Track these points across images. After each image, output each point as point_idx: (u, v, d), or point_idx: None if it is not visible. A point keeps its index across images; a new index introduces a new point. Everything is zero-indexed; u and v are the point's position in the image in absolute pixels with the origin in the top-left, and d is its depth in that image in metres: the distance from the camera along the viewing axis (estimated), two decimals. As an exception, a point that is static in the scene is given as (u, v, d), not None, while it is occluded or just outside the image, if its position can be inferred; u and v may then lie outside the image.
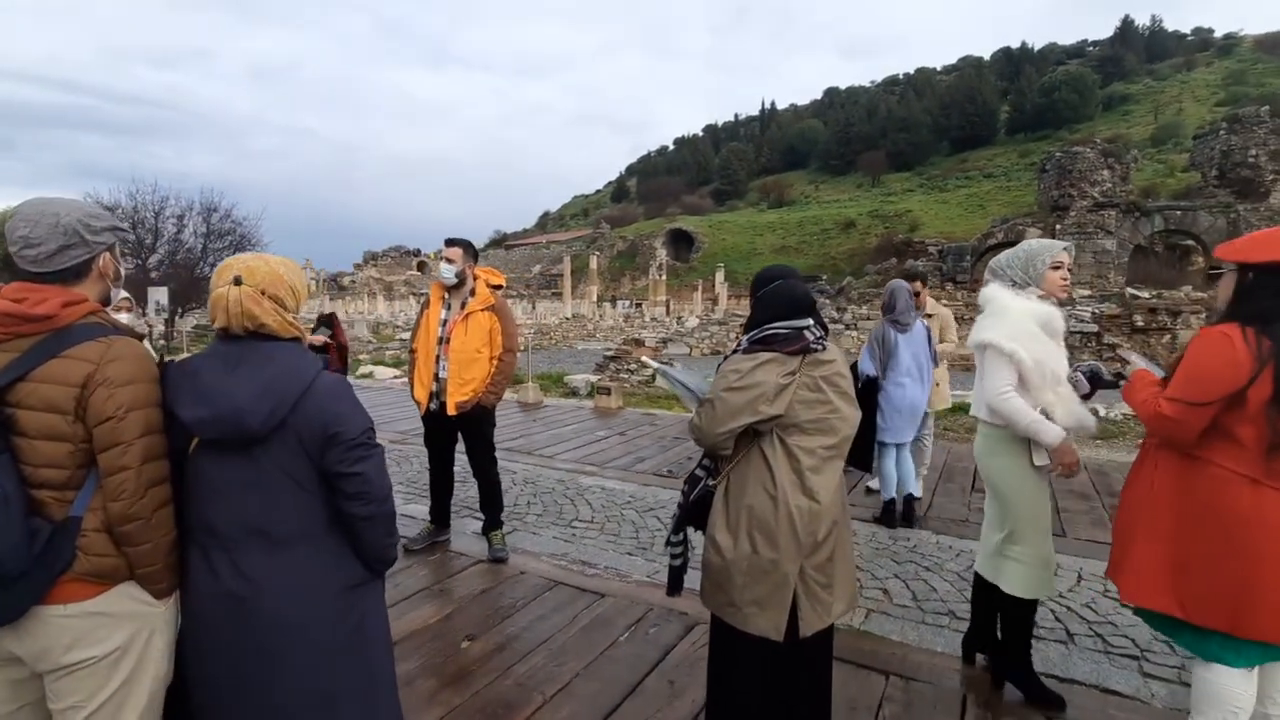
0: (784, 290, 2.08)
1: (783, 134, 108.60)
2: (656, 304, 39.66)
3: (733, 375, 1.96)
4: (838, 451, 2.01)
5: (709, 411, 1.98)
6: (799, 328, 2.00)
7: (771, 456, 1.95)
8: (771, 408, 1.91)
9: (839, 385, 2.01)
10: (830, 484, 1.97)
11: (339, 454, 1.53)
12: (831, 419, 1.97)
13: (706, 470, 2.14)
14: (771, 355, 1.95)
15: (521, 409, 9.43)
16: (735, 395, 1.93)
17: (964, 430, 7.94)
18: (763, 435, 1.97)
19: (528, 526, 4.51)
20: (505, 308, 3.90)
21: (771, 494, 1.93)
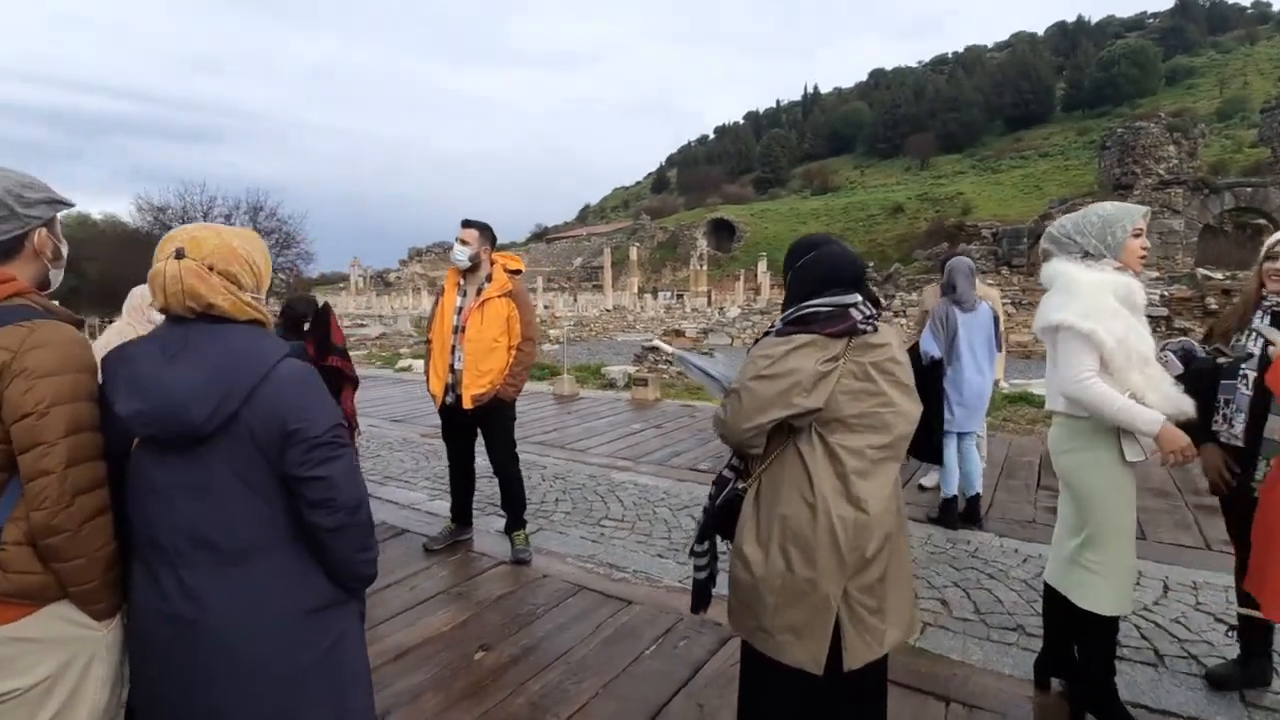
0: (824, 259, 1.76)
1: (826, 119, 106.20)
2: (698, 294, 39.19)
3: (763, 361, 1.66)
4: (891, 452, 1.69)
5: (735, 404, 1.69)
6: (844, 304, 1.69)
7: (809, 457, 1.65)
8: (808, 400, 1.61)
9: (893, 373, 1.69)
10: (882, 491, 1.66)
11: (299, 455, 1.31)
12: (884, 413, 1.66)
13: (735, 471, 1.85)
14: (809, 338, 1.64)
15: (556, 401, 9.25)
16: (765, 385, 1.63)
17: (1024, 421, 7.42)
18: (799, 432, 1.67)
19: (554, 525, 4.29)
20: (524, 294, 3.67)
21: (809, 502, 1.64)
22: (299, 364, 1.38)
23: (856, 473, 1.64)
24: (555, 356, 14.95)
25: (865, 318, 1.69)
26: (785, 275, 1.84)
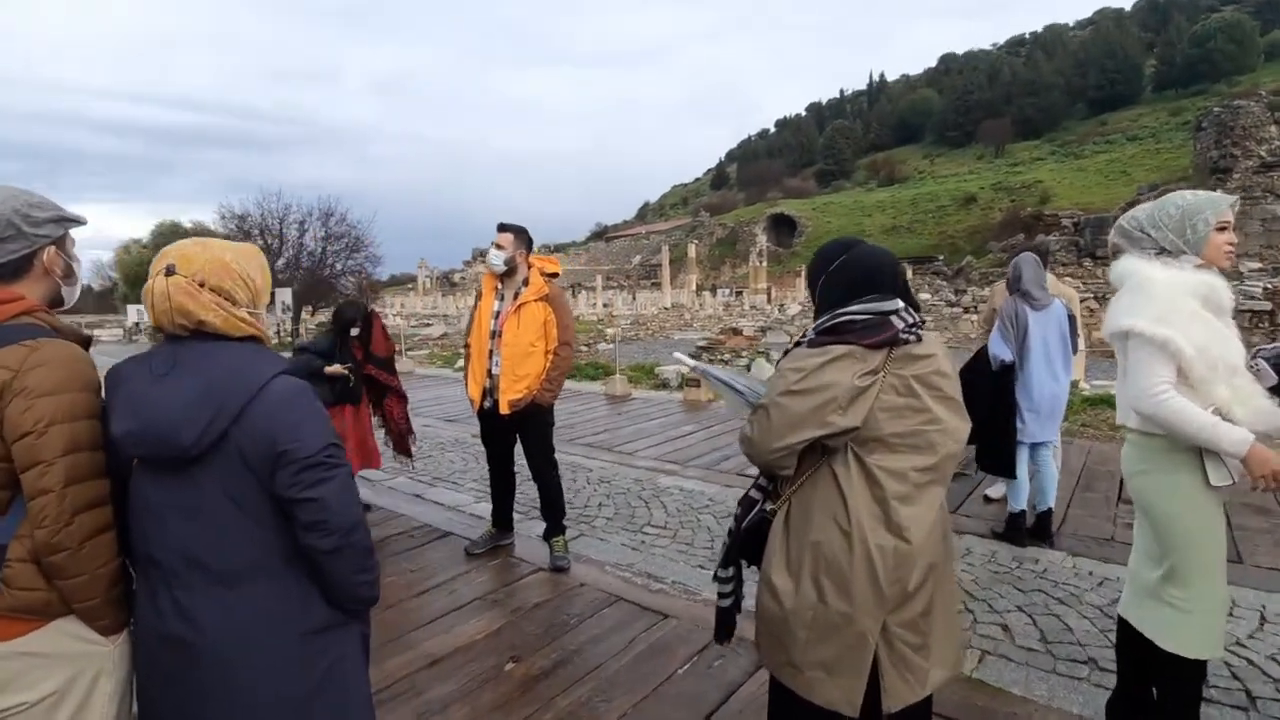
0: (858, 261, 1.61)
1: (893, 107, 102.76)
2: (757, 291, 38.60)
3: (793, 375, 1.52)
4: (937, 475, 1.54)
5: (762, 421, 1.55)
6: (883, 312, 1.53)
7: (845, 480, 1.51)
8: (844, 418, 1.47)
9: (939, 388, 1.54)
10: (926, 517, 1.51)
11: (289, 475, 1.27)
12: (929, 432, 1.51)
13: (763, 492, 1.72)
14: (845, 349, 1.50)
15: (608, 402, 9.23)
16: (796, 401, 1.50)
17: (1106, 427, 6.89)
18: (834, 452, 1.53)
19: (595, 531, 4.22)
20: (561, 298, 3.61)
21: (844, 528, 1.50)
22: (292, 382, 1.34)
23: (898, 497, 1.49)
24: (609, 356, 14.97)
25: (907, 326, 1.54)
26: (814, 283, 1.69)
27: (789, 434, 1.51)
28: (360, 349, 4.46)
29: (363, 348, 4.46)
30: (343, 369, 4.36)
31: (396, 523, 4.46)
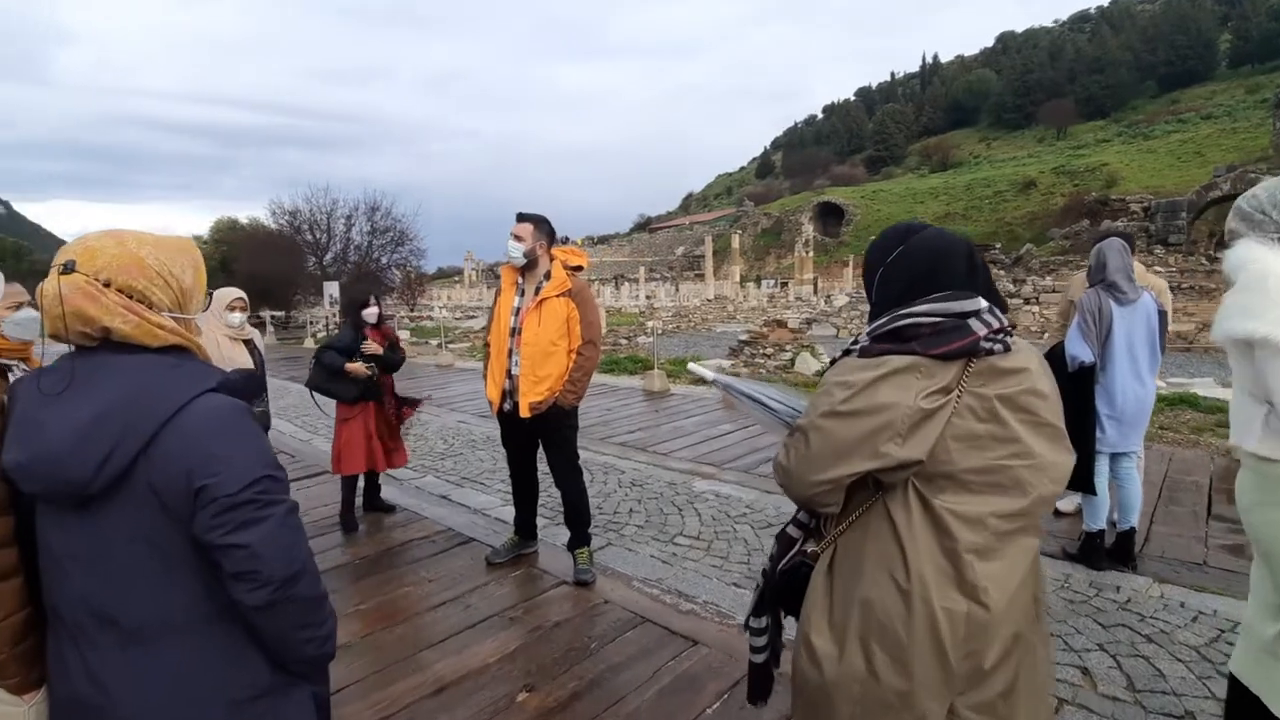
0: (923, 249, 1.27)
1: (947, 89, 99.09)
2: (802, 282, 37.72)
3: (839, 393, 1.21)
4: (1026, 522, 1.21)
5: (800, 448, 1.25)
6: (960, 313, 1.20)
7: (905, 525, 1.20)
8: (903, 448, 1.15)
9: (1034, 411, 1.20)
10: (1011, 575, 1.19)
11: (209, 517, 1.04)
12: (1016, 468, 1.18)
13: (803, 529, 1.43)
14: (907, 360, 1.18)
15: (646, 398, 8.97)
16: (842, 425, 1.19)
17: (1187, 430, 6.30)
18: (891, 489, 1.22)
19: (624, 541, 3.97)
20: (585, 292, 3.35)
21: (902, 586, 1.19)
22: (219, 402, 1.10)
23: (974, 550, 1.17)
24: (649, 349, 14.70)
25: (992, 332, 1.20)
26: (870, 279, 1.36)
27: (832, 466, 1.20)
28: (377, 332, 4.32)
29: (377, 329, 4.33)
30: (365, 369, 4.21)
31: (419, 526, 4.29)
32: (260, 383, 3.83)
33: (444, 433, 7.03)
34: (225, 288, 4.09)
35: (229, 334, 3.89)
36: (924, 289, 1.24)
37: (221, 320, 3.88)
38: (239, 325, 3.91)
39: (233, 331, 3.90)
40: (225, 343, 3.88)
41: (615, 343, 16.27)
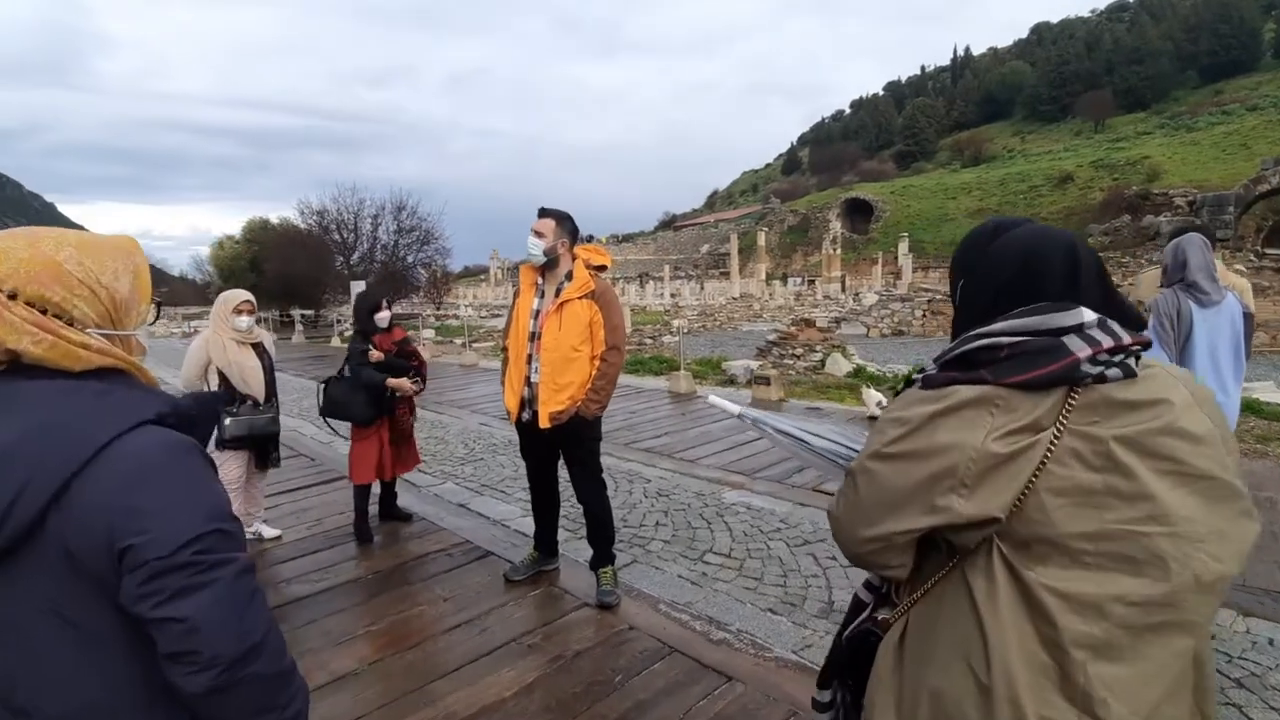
0: (1012, 249, 1.01)
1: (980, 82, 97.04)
2: (830, 280, 37.10)
3: (891, 430, 0.96)
4: (1174, 615, 0.89)
5: (849, 494, 1.01)
6: (1054, 330, 0.93)
7: (985, 601, 0.92)
8: (970, 502, 0.89)
9: (1180, 459, 0.89)
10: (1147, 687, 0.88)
11: (137, 585, 0.83)
12: (1152, 538, 0.87)
13: (874, 591, 1.17)
14: (975, 391, 0.91)
15: (672, 400, 8.72)
16: (891, 470, 0.94)
17: (1252, 438, 5.88)
18: (971, 553, 0.95)
19: (650, 557, 3.74)
20: (609, 294, 3.13)
21: (981, 680, 0.91)
22: (154, 439, 0.89)
23: (1086, 644, 0.87)
24: (674, 349, 14.45)
25: (1103, 352, 0.91)
26: (954, 286, 1.10)
27: (882, 519, 0.96)
28: (387, 337, 4.15)
29: (388, 334, 4.16)
30: (413, 386, 4.05)
31: (436, 537, 4.12)
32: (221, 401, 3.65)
33: (465, 436, 6.87)
34: (232, 290, 3.96)
35: (237, 338, 3.76)
36: (1013, 301, 0.97)
37: (228, 324, 3.75)
38: (246, 329, 3.77)
39: (240, 335, 3.77)
40: (233, 347, 3.75)
41: (640, 342, 16.06)
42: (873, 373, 10.16)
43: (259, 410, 3.82)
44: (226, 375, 3.74)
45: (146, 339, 1.05)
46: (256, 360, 3.83)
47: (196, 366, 3.79)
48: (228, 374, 3.74)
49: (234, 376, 3.74)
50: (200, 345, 3.79)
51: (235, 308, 3.79)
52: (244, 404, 3.78)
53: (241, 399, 3.78)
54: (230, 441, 3.74)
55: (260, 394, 3.83)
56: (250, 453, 3.89)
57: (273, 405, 3.90)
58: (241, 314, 3.79)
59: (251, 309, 3.87)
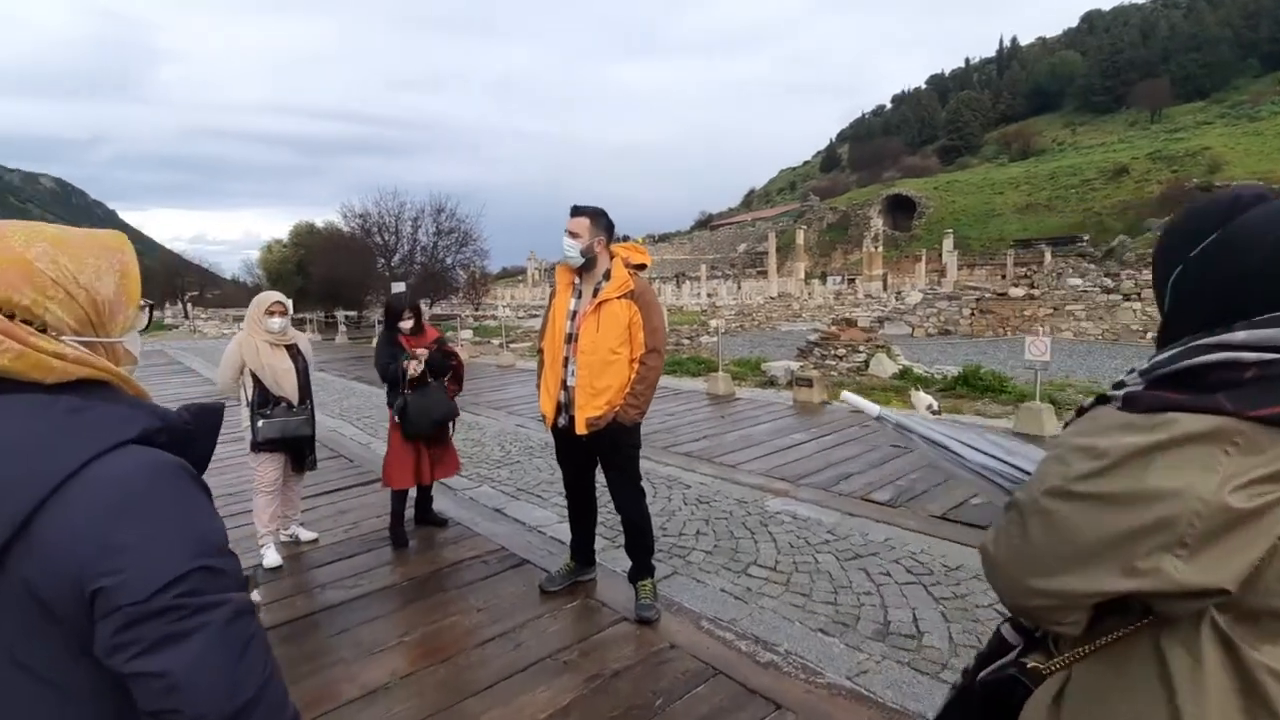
0: (1268, 232, 0.75)
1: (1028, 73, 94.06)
2: (871, 278, 36.32)
3: (1081, 462, 0.75)
4: None
5: (1014, 536, 0.81)
6: None
7: (1186, 679, 0.72)
8: (1189, 567, 0.68)
9: None
10: None
11: (112, 633, 0.71)
12: None
13: (1023, 632, 0.96)
14: (1209, 423, 0.69)
15: (711, 402, 8.53)
16: (1080, 514, 0.74)
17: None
18: (1170, 623, 0.75)
19: (691, 569, 3.57)
20: (649, 294, 2.97)
21: None
22: (135, 462, 0.77)
23: None
24: (712, 349, 14.23)
25: None
26: (1162, 280, 0.87)
27: (1062, 573, 0.75)
28: (420, 341, 4.07)
29: (416, 337, 4.09)
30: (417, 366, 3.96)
31: (471, 544, 4.02)
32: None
33: (501, 438, 6.80)
34: (265, 292, 3.93)
35: (270, 340, 3.72)
36: (1262, 302, 0.74)
37: (261, 326, 3.71)
38: (279, 330, 3.73)
39: (273, 337, 3.72)
40: (266, 349, 3.71)
41: (677, 343, 15.89)
42: (920, 374, 9.78)
43: (293, 412, 3.78)
44: (259, 377, 3.71)
45: (138, 346, 0.94)
46: (290, 362, 3.79)
47: (231, 369, 3.77)
48: (260, 376, 3.70)
49: (267, 379, 3.71)
50: (234, 348, 3.76)
51: (267, 309, 3.75)
52: (278, 406, 3.75)
53: (275, 401, 3.75)
54: (264, 444, 3.72)
55: (294, 396, 3.79)
56: (286, 455, 3.86)
57: (306, 408, 3.86)
58: (273, 315, 3.75)
59: (283, 310, 3.83)
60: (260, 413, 3.72)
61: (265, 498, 3.82)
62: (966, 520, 4.07)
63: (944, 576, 3.34)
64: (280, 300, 3.84)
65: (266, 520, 3.82)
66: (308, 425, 3.83)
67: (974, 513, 4.21)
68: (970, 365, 9.43)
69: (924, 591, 3.20)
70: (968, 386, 8.61)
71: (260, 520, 3.83)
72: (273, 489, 3.82)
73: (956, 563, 3.50)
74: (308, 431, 3.84)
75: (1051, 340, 6.44)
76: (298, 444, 3.84)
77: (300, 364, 3.87)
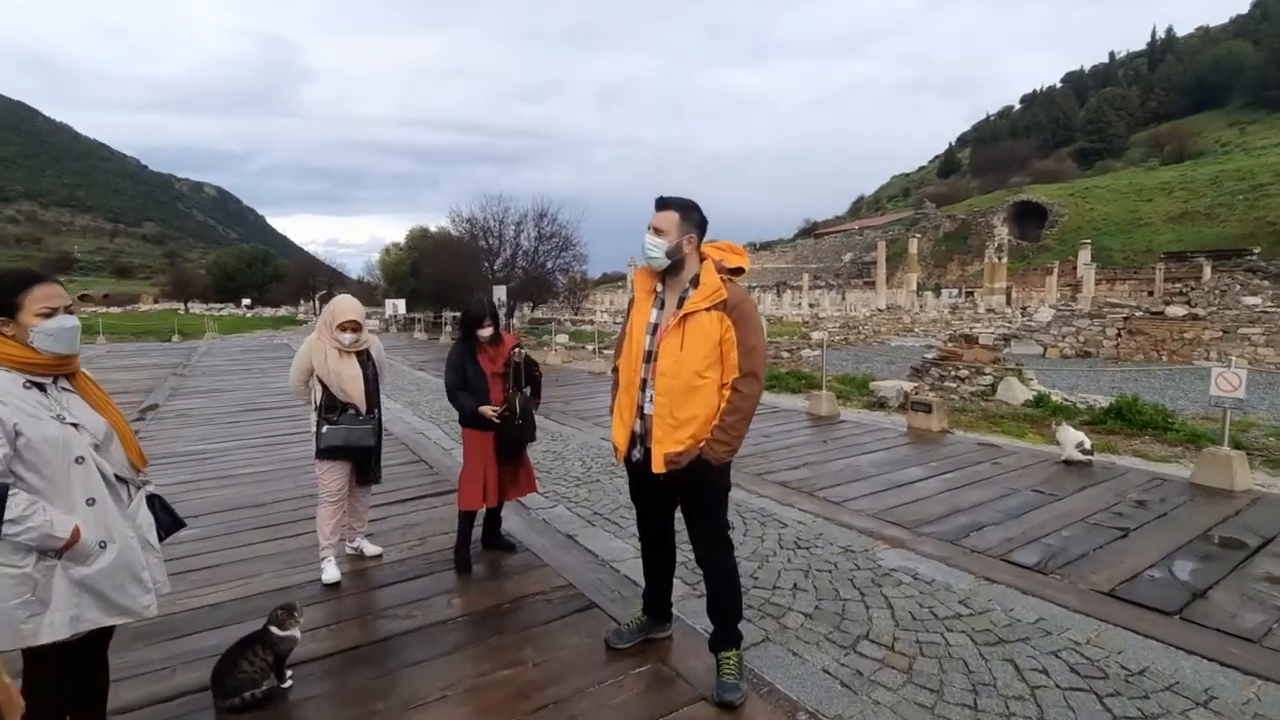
0: None
1: (1185, 67, 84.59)
2: (993, 291, 33.51)
3: None
4: None
5: None
6: None
7: None
8: None
9: None
10: None
11: None
12: None
13: None
14: None
15: (812, 423, 7.78)
16: None
17: None
18: None
19: (786, 635, 2.97)
20: (746, 305, 2.42)
21: None
22: None
23: None
24: (814, 364, 13.32)
25: None
26: None
27: None
28: (488, 352, 3.71)
29: (494, 346, 3.73)
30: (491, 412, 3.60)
31: (537, 576, 3.61)
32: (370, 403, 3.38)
33: (584, 452, 6.42)
34: (342, 302, 3.68)
35: (339, 346, 3.54)
36: None
37: (333, 333, 3.54)
38: (350, 344, 3.54)
39: (344, 346, 3.55)
40: (334, 355, 3.54)
41: (776, 355, 15.07)
42: (1059, 402, 8.54)
43: (359, 420, 3.55)
44: (325, 383, 3.51)
45: None
46: (358, 369, 3.56)
47: (300, 372, 3.62)
48: (326, 382, 3.52)
49: (333, 385, 3.52)
50: (304, 351, 3.59)
51: (340, 324, 3.54)
52: (344, 413, 3.54)
53: (342, 408, 3.54)
54: (326, 451, 3.52)
55: (361, 404, 3.56)
56: (351, 464, 3.62)
57: (373, 417, 3.61)
58: (345, 331, 3.54)
59: (356, 328, 3.58)
60: (327, 418, 3.53)
61: (329, 507, 3.61)
62: (1145, 600, 3.21)
63: (1124, 684, 2.56)
64: (354, 319, 3.58)
65: (329, 532, 3.61)
66: (371, 435, 3.59)
67: (1154, 589, 3.33)
68: (1124, 395, 8.11)
69: (1097, 703, 2.44)
70: (1122, 420, 7.35)
71: (322, 531, 3.62)
72: (336, 499, 3.60)
73: (1139, 663, 2.69)
74: (371, 442, 3.60)
75: (1246, 372, 5.26)
76: (361, 454, 3.61)
77: (370, 371, 3.65)
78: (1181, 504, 4.70)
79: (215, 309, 56.99)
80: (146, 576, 1.98)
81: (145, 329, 32.19)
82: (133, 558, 1.94)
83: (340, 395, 3.53)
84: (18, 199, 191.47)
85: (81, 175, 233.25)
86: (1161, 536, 4.08)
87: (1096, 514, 4.48)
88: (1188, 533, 4.15)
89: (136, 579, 1.95)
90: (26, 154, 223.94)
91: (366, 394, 3.59)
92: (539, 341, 19.56)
